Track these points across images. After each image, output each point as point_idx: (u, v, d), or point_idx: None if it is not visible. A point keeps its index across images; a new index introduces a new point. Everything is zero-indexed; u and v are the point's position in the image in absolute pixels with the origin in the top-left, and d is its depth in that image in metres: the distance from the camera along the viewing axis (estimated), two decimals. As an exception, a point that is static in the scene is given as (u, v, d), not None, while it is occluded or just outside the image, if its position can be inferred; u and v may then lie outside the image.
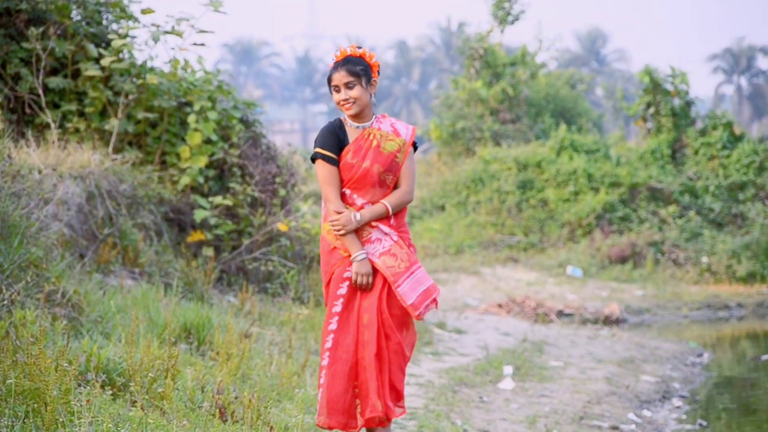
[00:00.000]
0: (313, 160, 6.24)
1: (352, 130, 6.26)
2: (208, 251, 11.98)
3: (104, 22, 12.69)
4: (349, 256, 6.13)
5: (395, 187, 6.29)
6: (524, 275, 21.97)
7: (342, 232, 6.08)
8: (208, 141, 12.59)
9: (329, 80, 6.25)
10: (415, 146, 6.39)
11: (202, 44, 12.51)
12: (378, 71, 6.30)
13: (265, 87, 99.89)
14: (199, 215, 12.00)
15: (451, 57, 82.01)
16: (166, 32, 12.31)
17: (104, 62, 11.86)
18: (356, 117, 6.23)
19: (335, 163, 6.20)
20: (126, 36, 12.20)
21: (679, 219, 24.30)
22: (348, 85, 6.16)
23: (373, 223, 6.19)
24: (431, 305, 6.18)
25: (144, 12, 12.43)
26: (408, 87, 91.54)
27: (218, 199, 12.18)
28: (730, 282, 21.84)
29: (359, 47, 6.31)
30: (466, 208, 26.49)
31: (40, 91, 11.83)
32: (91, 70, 11.91)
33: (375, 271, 6.14)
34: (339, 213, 6.12)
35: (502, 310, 17.16)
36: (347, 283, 6.13)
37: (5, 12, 11.95)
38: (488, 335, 14.03)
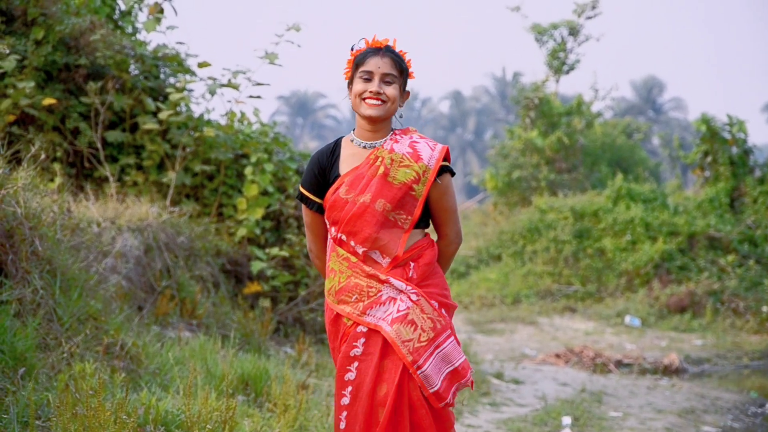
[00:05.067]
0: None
1: (356, 151, 4.76)
2: (265, 302, 11.99)
3: (162, 75, 12.83)
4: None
5: (416, 227, 4.73)
6: (582, 325, 21.80)
7: None
8: (264, 192, 12.65)
9: (358, 64, 4.74)
10: (450, 171, 4.75)
11: (258, 96, 12.61)
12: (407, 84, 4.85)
13: (320, 138, 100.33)
14: (255, 267, 12.04)
15: (507, 107, 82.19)
16: (223, 85, 12.43)
17: (162, 116, 11.99)
18: (371, 130, 4.72)
19: (313, 206, 4.83)
20: (183, 89, 12.32)
21: (739, 268, 24.04)
22: (386, 79, 4.67)
23: (383, 276, 4.65)
24: (461, 389, 4.71)
25: (201, 65, 12.57)
26: (463, 137, 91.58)
27: (275, 251, 12.21)
28: (791, 331, 21.56)
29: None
30: (523, 258, 26.38)
31: (99, 145, 11.97)
32: (148, 124, 12.02)
33: (387, 343, 4.66)
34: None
35: (560, 360, 17.03)
36: (356, 364, 4.65)
37: (65, 67, 12.11)
38: (546, 385, 13.92)
